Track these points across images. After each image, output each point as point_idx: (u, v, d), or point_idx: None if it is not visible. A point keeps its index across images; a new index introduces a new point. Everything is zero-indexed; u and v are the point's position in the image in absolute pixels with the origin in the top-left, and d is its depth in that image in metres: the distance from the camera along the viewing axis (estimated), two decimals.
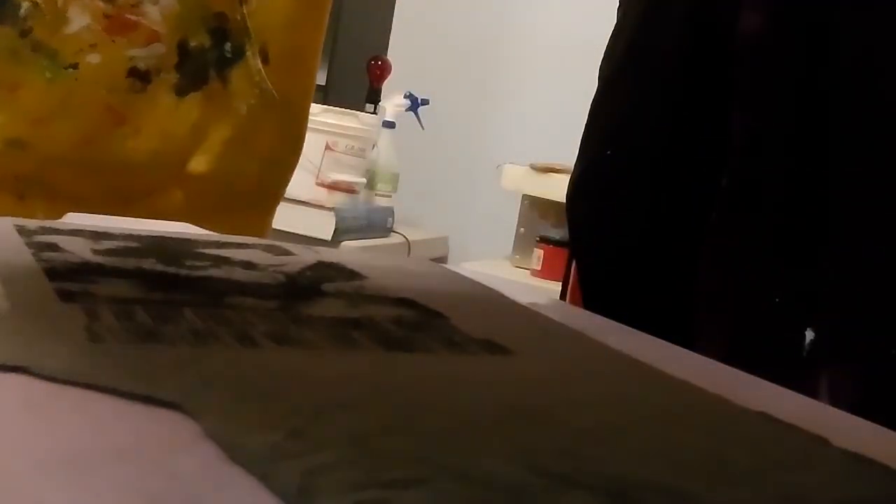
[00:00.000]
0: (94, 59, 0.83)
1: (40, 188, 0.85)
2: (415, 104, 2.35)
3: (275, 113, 0.91)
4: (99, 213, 0.85)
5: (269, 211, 0.99)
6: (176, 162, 0.88)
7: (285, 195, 1.00)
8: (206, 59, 0.86)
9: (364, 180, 2.11)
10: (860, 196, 0.55)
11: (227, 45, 0.87)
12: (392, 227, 2.21)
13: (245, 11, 0.87)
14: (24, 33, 0.82)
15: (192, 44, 0.85)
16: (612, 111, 0.72)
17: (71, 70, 0.83)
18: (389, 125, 2.28)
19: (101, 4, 0.83)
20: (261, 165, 0.93)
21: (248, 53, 0.87)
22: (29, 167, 0.85)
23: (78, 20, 0.83)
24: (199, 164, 0.89)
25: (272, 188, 0.98)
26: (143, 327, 0.35)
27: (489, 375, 0.35)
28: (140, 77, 0.84)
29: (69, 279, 0.41)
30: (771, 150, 0.60)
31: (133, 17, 0.84)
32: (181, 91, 0.85)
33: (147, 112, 0.85)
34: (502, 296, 0.52)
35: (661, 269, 0.68)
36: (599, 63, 0.73)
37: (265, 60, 0.88)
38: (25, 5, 0.81)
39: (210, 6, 0.85)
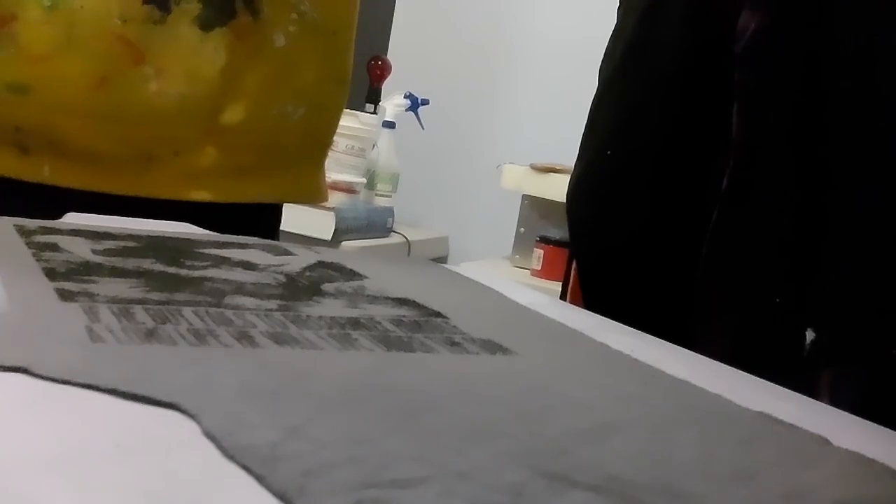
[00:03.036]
0: None
1: (47, 142, 0.72)
2: (415, 104, 2.34)
3: (318, 41, 0.78)
4: (119, 175, 0.73)
5: (319, 164, 0.85)
6: (206, 111, 0.74)
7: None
8: None
9: (364, 180, 2.11)
10: (860, 196, 0.55)
11: None
12: (392, 227, 2.21)
13: None
14: None
15: None
16: (612, 111, 0.72)
17: None
18: (389, 125, 2.28)
19: None
20: (307, 109, 0.79)
21: None
22: (33, 117, 0.71)
23: None
24: (233, 113, 0.75)
25: (320, 136, 0.83)
26: (143, 327, 0.35)
27: (489, 375, 0.35)
28: (158, 4, 0.71)
29: (69, 279, 0.41)
30: (771, 150, 0.60)
31: None
32: (206, 24, 0.72)
33: (169, 48, 0.71)
34: (502, 296, 0.52)
35: (661, 270, 0.68)
36: (599, 63, 0.73)
37: None
38: None
39: None
